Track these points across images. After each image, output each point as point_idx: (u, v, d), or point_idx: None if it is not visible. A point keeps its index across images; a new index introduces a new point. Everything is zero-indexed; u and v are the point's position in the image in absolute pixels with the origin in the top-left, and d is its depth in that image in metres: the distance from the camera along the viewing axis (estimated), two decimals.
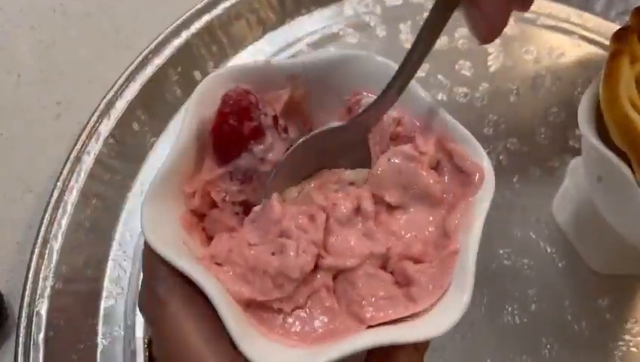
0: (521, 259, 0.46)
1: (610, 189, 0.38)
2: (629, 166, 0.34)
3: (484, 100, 0.52)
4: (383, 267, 0.32)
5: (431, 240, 0.32)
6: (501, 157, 0.50)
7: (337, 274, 0.31)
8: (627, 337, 0.44)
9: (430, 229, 0.32)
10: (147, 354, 0.34)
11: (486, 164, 0.32)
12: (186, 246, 0.31)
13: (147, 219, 0.31)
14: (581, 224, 0.46)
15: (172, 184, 0.32)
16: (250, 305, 0.30)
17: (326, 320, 0.31)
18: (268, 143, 0.33)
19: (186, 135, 0.32)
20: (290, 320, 0.31)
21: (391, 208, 0.33)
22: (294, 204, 0.33)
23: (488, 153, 0.49)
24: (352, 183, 0.34)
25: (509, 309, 0.45)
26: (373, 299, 0.31)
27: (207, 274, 0.30)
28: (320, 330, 0.30)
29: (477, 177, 0.32)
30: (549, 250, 0.47)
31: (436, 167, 0.33)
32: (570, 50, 0.54)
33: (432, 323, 0.29)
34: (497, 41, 0.54)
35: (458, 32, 0.54)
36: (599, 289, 0.46)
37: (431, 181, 0.32)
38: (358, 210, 0.32)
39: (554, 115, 0.51)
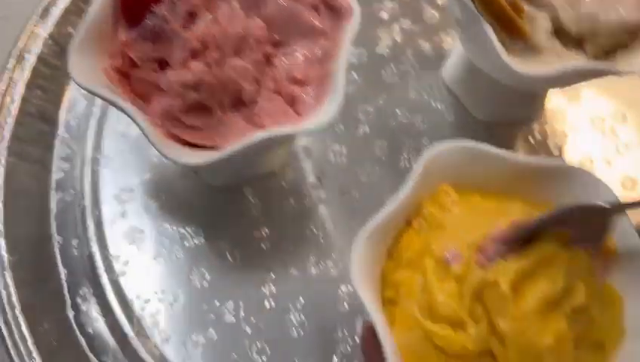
0: (415, 116, 0.53)
1: (465, 28, 0.45)
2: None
3: None
4: (277, 91, 0.39)
5: (312, 66, 0.40)
6: (396, 36, 0.57)
7: None
8: None
9: (312, 56, 0.40)
10: None
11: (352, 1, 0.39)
12: (109, 88, 0.38)
13: (73, 63, 0.37)
14: (464, 79, 0.52)
15: (93, 41, 0.38)
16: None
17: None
18: (167, 4, 0.38)
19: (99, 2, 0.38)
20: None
21: (280, 44, 0.40)
22: None
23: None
24: None
25: (405, 156, 0.51)
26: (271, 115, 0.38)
27: (126, 103, 0.37)
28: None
29: (346, 11, 0.39)
30: (439, 107, 0.53)
31: (315, 9, 0.40)
32: None
33: (315, 121, 0.37)
34: None
35: None
36: (483, 135, 0.51)
37: (311, 18, 0.39)
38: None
39: None
